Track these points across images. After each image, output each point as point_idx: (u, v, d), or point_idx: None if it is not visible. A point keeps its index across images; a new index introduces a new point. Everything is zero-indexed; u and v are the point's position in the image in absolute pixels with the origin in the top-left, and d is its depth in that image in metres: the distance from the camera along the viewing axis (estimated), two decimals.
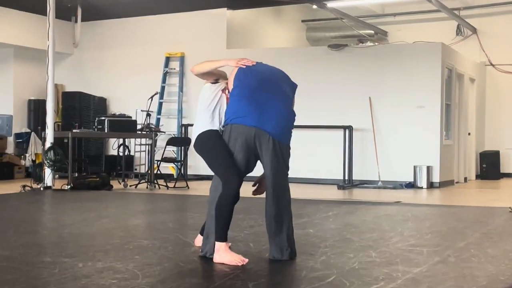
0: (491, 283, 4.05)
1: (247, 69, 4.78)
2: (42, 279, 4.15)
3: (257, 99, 4.67)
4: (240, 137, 4.61)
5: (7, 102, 14.18)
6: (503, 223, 7.14)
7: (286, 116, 4.74)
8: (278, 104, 4.72)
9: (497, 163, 15.11)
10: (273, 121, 4.63)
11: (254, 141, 4.60)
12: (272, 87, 4.78)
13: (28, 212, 8.25)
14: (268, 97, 4.71)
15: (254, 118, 4.60)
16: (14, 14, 13.53)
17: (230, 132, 4.64)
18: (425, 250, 5.28)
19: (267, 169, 4.65)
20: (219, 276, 4.29)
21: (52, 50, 11.12)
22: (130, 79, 14.46)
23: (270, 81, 4.81)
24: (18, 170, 13.37)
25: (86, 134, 12.49)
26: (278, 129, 4.65)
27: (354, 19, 15.16)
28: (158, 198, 10.21)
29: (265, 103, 4.67)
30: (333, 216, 7.64)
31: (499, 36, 15.44)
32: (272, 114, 4.64)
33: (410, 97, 12.50)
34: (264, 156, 4.63)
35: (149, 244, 5.46)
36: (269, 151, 4.61)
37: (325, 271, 4.38)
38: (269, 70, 4.96)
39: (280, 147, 4.65)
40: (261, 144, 4.61)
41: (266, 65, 5.00)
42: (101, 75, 14.82)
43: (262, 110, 4.63)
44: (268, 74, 4.88)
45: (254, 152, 4.65)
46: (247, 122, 4.59)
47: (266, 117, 4.62)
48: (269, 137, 4.60)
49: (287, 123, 4.75)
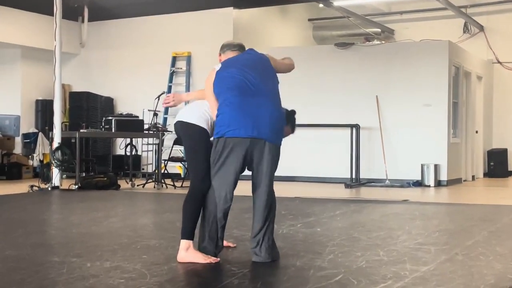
0: (499, 281, 4.04)
1: (226, 71, 4.71)
2: (50, 278, 4.16)
3: (248, 107, 4.59)
4: (236, 149, 4.55)
5: (14, 102, 14.23)
6: (511, 222, 7.12)
7: (278, 117, 4.70)
8: (268, 106, 4.65)
9: (505, 161, 15.07)
10: (267, 127, 4.59)
11: (250, 151, 4.58)
12: (258, 88, 4.68)
13: (36, 212, 8.27)
14: (258, 102, 4.63)
15: (249, 128, 4.54)
16: (21, 15, 13.57)
17: (224, 144, 4.56)
18: (432, 248, 5.27)
19: (261, 172, 4.62)
20: (227, 275, 4.29)
21: (59, 51, 11.15)
22: (137, 78, 14.49)
23: (253, 81, 4.68)
24: (26, 170, 13.42)
25: (94, 134, 12.51)
26: (273, 132, 4.63)
27: (361, 18, 15.14)
28: (166, 197, 10.22)
29: (257, 109, 4.60)
30: (340, 214, 7.63)
31: (507, 34, 15.40)
32: (266, 119, 4.59)
33: (417, 95, 12.48)
34: (260, 162, 4.60)
35: (157, 243, 5.47)
36: (266, 156, 4.60)
37: (333, 270, 4.37)
38: (251, 62, 4.79)
39: (275, 149, 4.66)
40: (257, 152, 4.59)
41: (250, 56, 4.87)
42: (108, 75, 14.85)
43: (255, 118, 4.57)
44: (250, 73, 4.70)
45: (247, 160, 4.61)
46: (241, 134, 4.54)
47: (260, 124, 4.56)
48: (265, 142, 4.59)
49: (280, 124, 4.72)
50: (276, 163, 4.69)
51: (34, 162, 13.68)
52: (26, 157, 13.77)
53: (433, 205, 9.02)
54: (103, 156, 14.03)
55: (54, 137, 11.06)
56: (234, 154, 4.57)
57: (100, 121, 12.66)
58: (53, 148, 11.01)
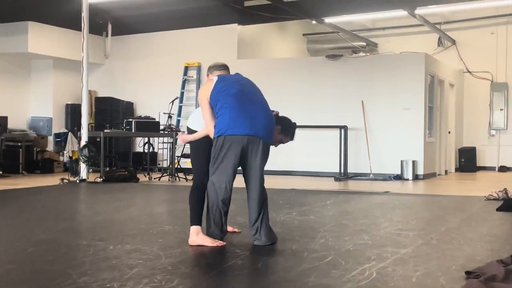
0: (468, 263, 4.04)
1: (224, 84, 4.70)
2: (78, 259, 4.17)
3: (246, 109, 4.60)
4: (234, 146, 4.55)
5: (47, 106, 14.23)
6: (479, 210, 7.12)
7: (271, 119, 4.74)
8: (262, 111, 4.69)
9: (474, 158, 15.06)
10: (262, 127, 4.62)
11: (247, 147, 4.58)
12: (253, 97, 4.73)
13: (66, 202, 8.28)
14: (254, 107, 4.66)
15: (247, 127, 4.56)
16: (53, 30, 13.57)
17: (224, 142, 4.56)
18: (411, 233, 5.26)
19: (256, 167, 4.61)
20: (231, 256, 4.29)
21: (86, 61, 11.14)
22: (154, 85, 14.48)
23: (249, 91, 4.74)
24: (57, 165, 13.41)
25: (116, 134, 12.51)
26: (267, 132, 4.65)
27: (349, 33, 15.12)
28: (179, 189, 10.21)
29: (253, 112, 4.62)
30: (330, 204, 7.63)
31: (475, 47, 15.39)
32: (261, 120, 4.63)
33: (397, 100, 12.46)
34: (254, 157, 4.60)
35: (171, 229, 5.47)
36: (260, 152, 4.61)
37: (324, 252, 4.37)
38: (243, 80, 4.84)
39: (266, 147, 4.67)
40: (253, 148, 4.59)
41: (240, 76, 4.90)
42: (129, 82, 14.84)
43: (252, 119, 4.59)
44: (245, 86, 4.77)
45: (244, 156, 4.60)
46: (240, 132, 4.55)
47: (256, 124, 4.59)
48: (260, 140, 4.60)
49: (272, 125, 4.74)
50: (266, 159, 4.70)
51: (64, 158, 13.67)
52: (57, 154, 13.76)
53: (411, 196, 9.01)
54: (124, 153, 14.02)
55: (81, 136, 11.06)
56: (232, 151, 4.58)
57: (121, 123, 12.65)
58: (80, 146, 11.01)
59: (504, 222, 6.19)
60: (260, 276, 3.80)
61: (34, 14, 12.85)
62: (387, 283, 3.49)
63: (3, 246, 4.72)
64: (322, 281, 3.54)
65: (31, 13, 12.77)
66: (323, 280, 3.55)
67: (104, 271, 3.74)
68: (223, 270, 3.92)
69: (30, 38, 13.03)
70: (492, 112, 15.35)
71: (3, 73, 13.66)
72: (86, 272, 3.71)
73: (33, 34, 13.13)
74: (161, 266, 3.91)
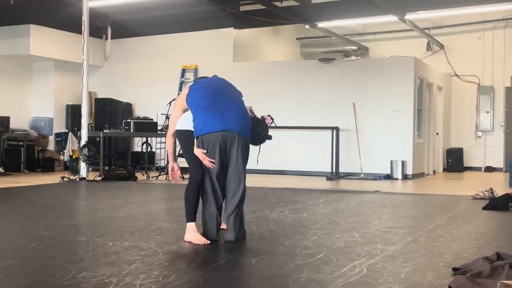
0: (455, 259, 4.05)
1: (197, 88, 4.75)
2: (78, 255, 4.16)
3: (217, 107, 4.61)
4: (212, 143, 4.56)
5: (48, 106, 14.19)
6: (465, 209, 7.14)
7: (245, 114, 4.72)
8: (235, 107, 4.68)
9: (461, 158, 15.10)
10: (235, 121, 4.60)
11: (225, 142, 4.57)
12: (225, 95, 4.73)
13: (66, 199, 8.26)
14: (225, 103, 4.66)
15: (219, 123, 4.56)
16: (54, 33, 13.53)
17: (202, 143, 4.59)
18: (400, 231, 5.28)
19: (236, 161, 4.60)
20: (228, 252, 4.30)
21: (86, 63, 11.12)
22: (152, 87, 14.45)
23: (220, 90, 4.76)
24: (58, 164, 13.38)
25: (115, 134, 12.49)
26: (242, 127, 4.62)
27: (341, 37, 15.14)
28: (176, 187, 10.19)
29: (225, 108, 4.62)
30: (322, 202, 7.64)
31: (463, 51, 15.44)
32: (234, 115, 4.61)
33: (387, 102, 12.48)
34: (233, 152, 4.59)
35: (168, 226, 5.47)
36: (238, 147, 4.59)
37: (316, 249, 4.38)
38: (216, 81, 4.89)
39: (246, 143, 4.65)
40: (231, 143, 4.58)
41: (214, 77, 4.94)
42: (128, 84, 14.81)
43: (223, 114, 4.59)
44: (217, 86, 4.81)
45: (225, 152, 4.60)
46: (214, 129, 4.55)
47: (228, 119, 4.58)
48: (237, 136, 4.58)
49: (247, 122, 4.70)
50: (247, 156, 4.68)
51: (64, 157, 13.64)
52: (58, 153, 13.73)
53: (400, 195, 9.03)
54: (123, 153, 14.00)
55: (81, 136, 11.04)
56: (212, 149, 4.58)
57: (120, 123, 12.63)
58: (80, 145, 11.00)
59: (489, 220, 6.21)
60: (254, 271, 3.80)
61: (36, 18, 12.83)
62: (377, 279, 3.50)
63: (6, 242, 4.72)
64: (314, 276, 3.54)
65: (33, 17, 12.75)
66: (315, 276, 3.56)
67: (103, 267, 3.74)
68: (219, 265, 3.92)
69: (32, 41, 13.00)
70: (479, 114, 15.40)
71: (6, 74, 13.62)
72: (86, 268, 3.71)
73: (35, 37, 13.09)
74: (158, 262, 3.91)
